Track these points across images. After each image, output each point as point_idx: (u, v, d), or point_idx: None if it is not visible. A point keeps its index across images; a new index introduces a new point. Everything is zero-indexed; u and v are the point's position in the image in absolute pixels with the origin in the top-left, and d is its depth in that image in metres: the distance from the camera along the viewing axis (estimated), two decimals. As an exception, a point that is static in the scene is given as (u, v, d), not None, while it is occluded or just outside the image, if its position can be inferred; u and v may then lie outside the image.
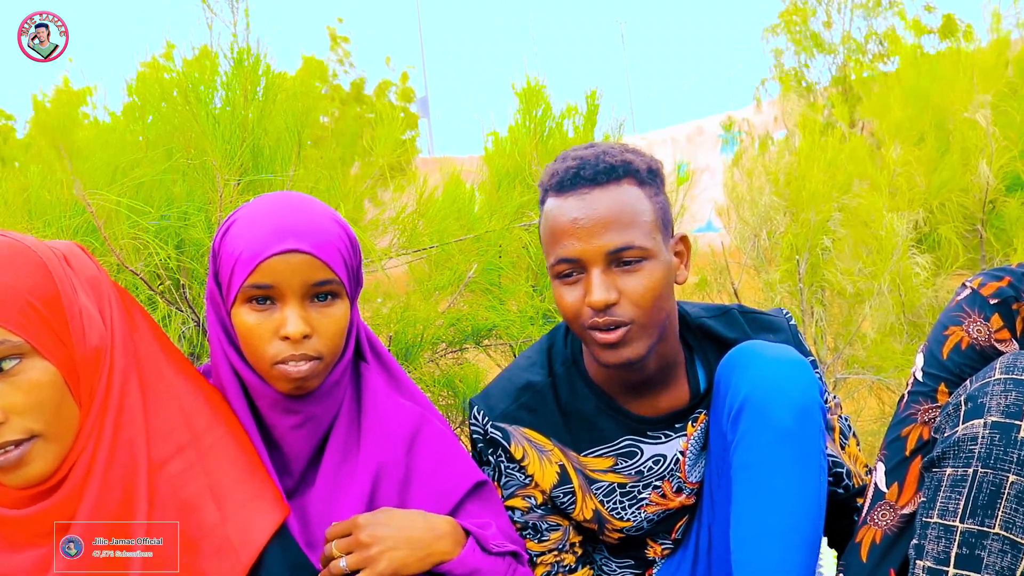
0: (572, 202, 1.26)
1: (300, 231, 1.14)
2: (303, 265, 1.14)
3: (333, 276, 1.16)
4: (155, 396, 1.12)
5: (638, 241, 1.24)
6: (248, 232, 1.15)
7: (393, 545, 1.16)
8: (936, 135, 3.36)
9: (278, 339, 1.14)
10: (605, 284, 1.24)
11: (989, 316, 1.20)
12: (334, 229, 1.18)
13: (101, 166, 1.66)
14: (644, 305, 1.25)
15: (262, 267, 1.13)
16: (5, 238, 1.04)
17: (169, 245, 1.72)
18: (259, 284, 1.13)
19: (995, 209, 3.26)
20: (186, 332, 1.77)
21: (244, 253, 1.14)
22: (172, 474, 1.09)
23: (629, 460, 1.40)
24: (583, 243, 1.24)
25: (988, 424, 1.06)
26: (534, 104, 2.45)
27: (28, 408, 1.00)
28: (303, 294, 1.15)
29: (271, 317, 1.15)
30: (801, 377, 1.23)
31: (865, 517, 1.25)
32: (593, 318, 1.25)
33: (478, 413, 1.39)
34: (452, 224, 2.19)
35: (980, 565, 1.05)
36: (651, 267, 1.25)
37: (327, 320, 1.17)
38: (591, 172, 1.26)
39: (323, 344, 1.16)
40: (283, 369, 1.15)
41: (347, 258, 1.19)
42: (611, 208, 1.25)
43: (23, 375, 1.00)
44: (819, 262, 2.89)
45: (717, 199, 3.44)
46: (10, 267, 1.01)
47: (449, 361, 2.23)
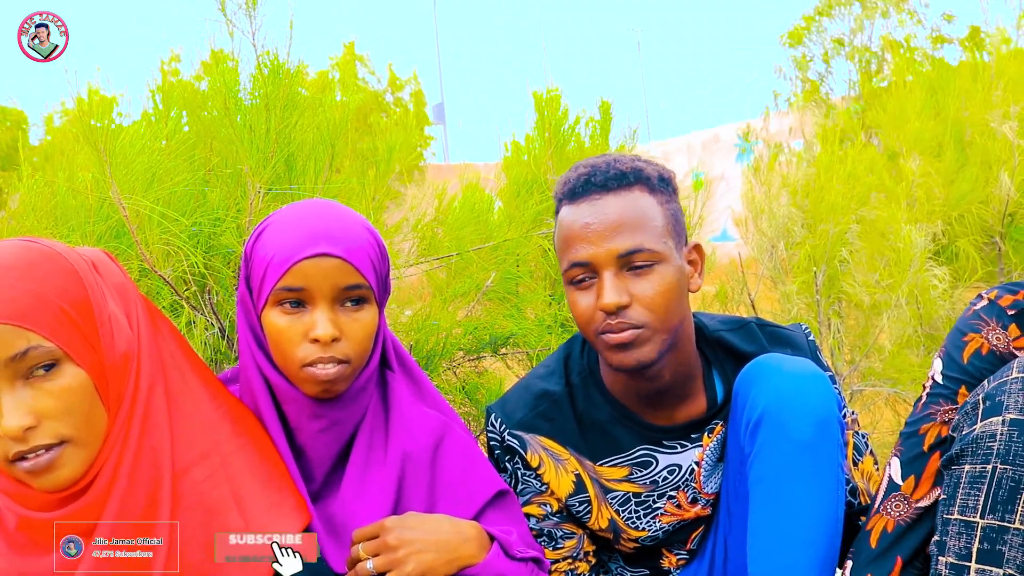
0: (584, 208, 1.29)
1: (332, 236, 1.16)
2: (334, 269, 1.16)
3: (363, 281, 1.18)
4: (179, 403, 1.13)
5: (648, 244, 1.26)
6: (281, 236, 1.18)
7: (421, 548, 1.17)
8: (955, 147, 3.35)
9: (308, 342, 1.16)
10: (617, 287, 1.25)
11: (1007, 325, 1.23)
12: (365, 236, 1.21)
13: (140, 171, 1.68)
14: (656, 309, 1.26)
15: (294, 270, 1.15)
16: (36, 245, 1.06)
17: (199, 250, 1.74)
18: (291, 287, 1.16)
19: (1014, 222, 3.24)
20: (209, 338, 1.79)
21: (276, 256, 1.16)
22: (196, 480, 1.10)
23: (644, 470, 1.41)
24: (595, 247, 1.26)
25: (1007, 421, 1.08)
26: (552, 112, 2.46)
27: (60, 413, 1.01)
28: (333, 298, 1.17)
29: (301, 320, 1.17)
30: (819, 390, 1.23)
31: (878, 507, 1.27)
32: (606, 321, 1.26)
33: (495, 421, 1.40)
34: (470, 232, 2.20)
35: (1001, 560, 1.06)
36: (662, 271, 1.27)
37: (356, 324, 1.18)
38: (602, 178, 1.29)
39: (351, 348, 1.18)
40: (311, 372, 1.16)
41: (377, 265, 1.21)
42: (622, 212, 1.27)
43: (55, 381, 1.01)
44: (837, 274, 2.89)
45: (733, 207, 3.43)
46: (42, 274, 1.02)
47: (467, 369, 2.24)
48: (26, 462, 1.00)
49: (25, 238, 1.08)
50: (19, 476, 1.02)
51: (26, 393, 1.00)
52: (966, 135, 3.37)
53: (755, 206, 3.02)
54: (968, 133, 3.34)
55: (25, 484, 1.04)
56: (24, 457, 1.00)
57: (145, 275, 1.77)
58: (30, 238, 1.08)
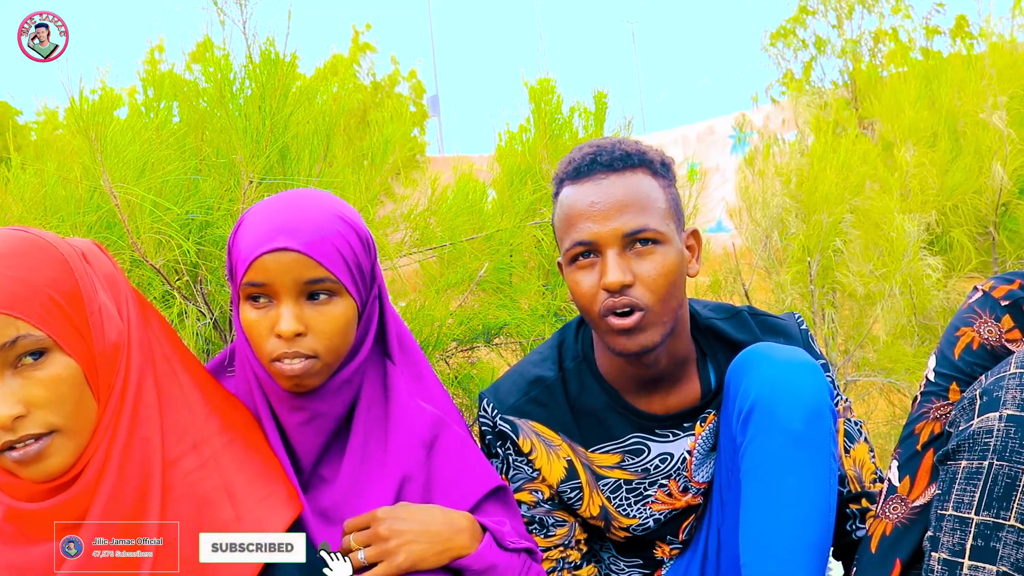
0: (589, 187, 1.29)
1: (293, 229, 1.14)
2: (294, 263, 1.14)
3: (327, 274, 1.16)
4: (169, 395, 1.13)
5: (653, 224, 1.26)
6: (248, 231, 1.17)
7: (412, 539, 1.17)
8: (948, 137, 3.35)
9: (274, 336, 1.15)
10: (621, 266, 1.25)
11: (1000, 317, 1.22)
12: (334, 227, 1.18)
13: (132, 161, 1.67)
14: (658, 290, 1.26)
15: (255, 265, 1.14)
16: (27, 234, 1.05)
17: (191, 240, 1.73)
18: (254, 282, 1.15)
19: (1008, 212, 3.24)
20: (201, 329, 1.78)
21: (242, 251, 1.16)
22: (187, 470, 1.10)
23: (636, 457, 1.41)
24: (599, 225, 1.26)
25: (1004, 417, 1.07)
26: (547, 101, 2.45)
27: (49, 402, 1.01)
28: (297, 292, 1.15)
29: (268, 315, 1.16)
30: (811, 379, 1.23)
31: (877, 512, 1.27)
32: (609, 299, 1.26)
33: (488, 406, 1.40)
34: (463, 222, 2.19)
35: (995, 557, 1.05)
36: (665, 252, 1.27)
37: (323, 319, 1.16)
38: (608, 158, 1.29)
39: (319, 343, 1.16)
40: (279, 367, 1.16)
41: (348, 257, 1.18)
42: (627, 192, 1.27)
43: (45, 370, 1.01)
44: (831, 264, 2.89)
45: (727, 199, 3.43)
46: (32, 263, 1.02)
47: (460, 359, 2.24)
48: (15, 451, 1.00)
49: (16, 227, 1.07)
50: (7, 466, 1.02)
51: (15, 382, 0.99)
52: (959, 125, 3.37)
53: (749, 196, 3.02)
54: (961, 123, 3.34)
55: (13, 474, 1.04)
56: (13, 447, 1.00)
57: (136, 265, 1.76)
58: (21, 227, 1.07)
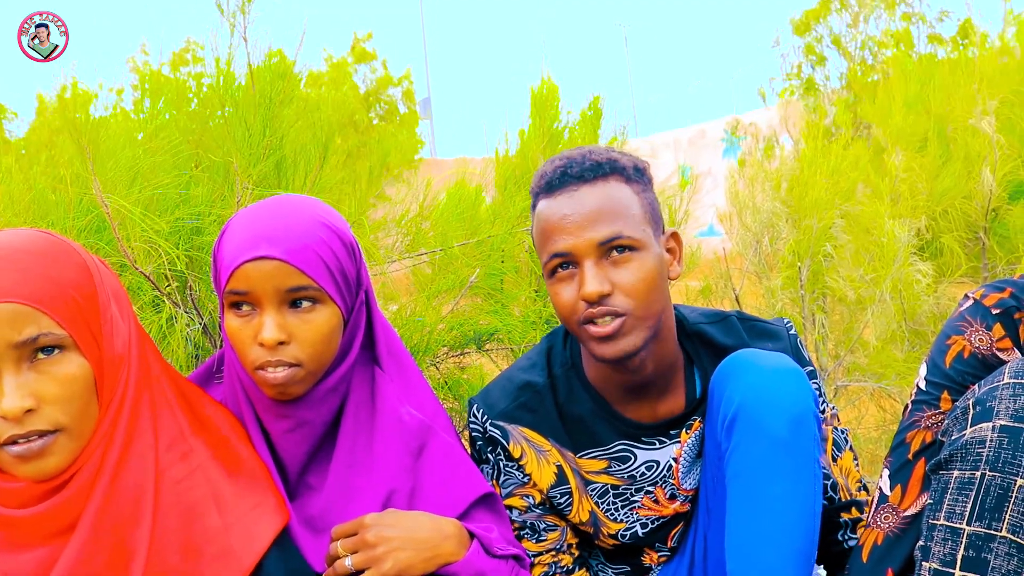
0: (562, 199, 1.29)
1: (273, 238, 1.14)
2: (275, 271, 1.13)
3: (310, 282, 1.15)
4: (160, 410, 1.14)
5: (627, 231, 1.27)
6: (232, 238, 1.17)
7: (399, 546, 1.17)
8: (938, 142, 3.36)
9: (257, 344, 1.15)
10: (598, 276, 1.26)
11: (991, 325, 1.21)
12: (317, 234, 1.17)
13: (123, 167, 1.66)
14: (637, 296, 1.26)
15: (236, 274, 1.14)
16: (52, 237, 1.08)
17: (181, 247, 1.73)
18: (236, 290, 1.15)
19: (998, 217, 3.25)
20: (191, 334, 1.78)
21: (224, 260, 1.16)
22: (176, 479, 1.10)
23: (622, 464, 1.41)
24: (574, 237, 1.27)
25: (996, 428, 1.07)
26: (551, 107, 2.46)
27: (60, 400, 1.02)
28: (279, 300, 1.15)
29: (251, 323, 1.16)
30: (795, 386, 1.23)
31: (868, 521, 1.26)
32: (588, 309, 1.26)
33: (478, 412, 1.41)
34: (455, 228, 2.19)
35: (986, 568, 1.05)
36: (642, 258, 1.27)
37: (307, 327, 1.16)
38: (578, 170, 1.30)
39: (301, 351, 1.16)
40: (262, 375, 1.16)
41: (332, 263, 1.18)
42: (599, 202, 1.28)
43: (59, 367, 1.02)
44: (821, 269, 2.90)
45: (719, 203, 3.44)
46: (59, 263, 1.05)
47: (451, 365, 2.23)
48: (17, 446, 1.01)
49: (38, 230, 1.10)
50: (5, 461, 1.02)
51: (30, 376, 1.01)
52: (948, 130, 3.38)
53: (739, 201, 3.03)
54: (950, 128, 3.36)
55: (6, 476, 1.04)
56: (16, 441, 1.01)
57: (126, 270, 1.75)
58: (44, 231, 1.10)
